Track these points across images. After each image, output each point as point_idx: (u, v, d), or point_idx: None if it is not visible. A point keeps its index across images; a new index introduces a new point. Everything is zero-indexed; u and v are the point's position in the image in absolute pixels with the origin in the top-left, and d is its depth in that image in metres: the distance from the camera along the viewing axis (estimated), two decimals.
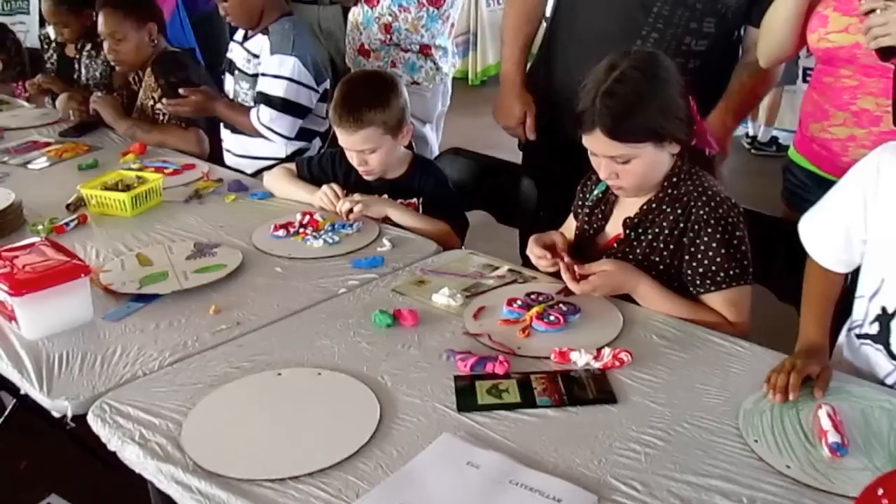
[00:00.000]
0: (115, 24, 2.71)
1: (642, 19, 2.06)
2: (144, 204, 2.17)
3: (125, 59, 2.78)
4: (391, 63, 2.93)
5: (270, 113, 2.48)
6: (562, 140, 2.28)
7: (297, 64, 2.46)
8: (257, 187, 2.33)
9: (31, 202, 2.18)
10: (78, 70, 3.15)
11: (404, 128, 2.09)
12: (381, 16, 2.88)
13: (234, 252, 1.88)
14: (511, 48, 2.33)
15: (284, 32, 2.48)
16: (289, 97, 2.46)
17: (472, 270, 1.80)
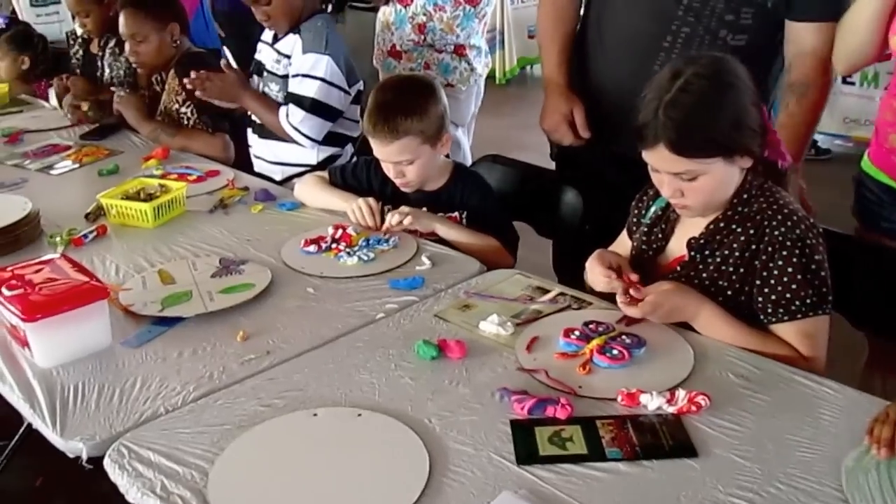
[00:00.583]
0: (136, 25, 2.59)
1: (673, 11, 1.91)
2: (167, 214, 2.04)
3: (146, 61, 2.65)
4: (424, 65, 2.80)
5: (300, 113, 2.33)
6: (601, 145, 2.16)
7: (330, 63, 2.31)
8: (285, 196, 2.19)
9: (49, 210, 2.05)
10: (101, 68, 3.03)
11: (443, 136, 1.94)
12: (415, 15, 2.74)
13: (262, 270, 1.74)
14: (549, 51, 2.18)
15: (317, 30, 2.34)
16: (320, 98, 2.32)
17: (520, 293, 1.66)
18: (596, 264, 1.54)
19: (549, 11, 2.18)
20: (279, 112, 2.38)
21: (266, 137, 2.49)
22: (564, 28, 2.18)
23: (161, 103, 2.70)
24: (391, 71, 2.83)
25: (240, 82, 2.44)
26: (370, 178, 2.07)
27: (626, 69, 1.98)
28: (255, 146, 2.54)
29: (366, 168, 2.08)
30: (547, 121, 2.16)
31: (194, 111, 2.58)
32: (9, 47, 3.42)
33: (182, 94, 2.59)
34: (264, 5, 2.34)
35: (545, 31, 2.19)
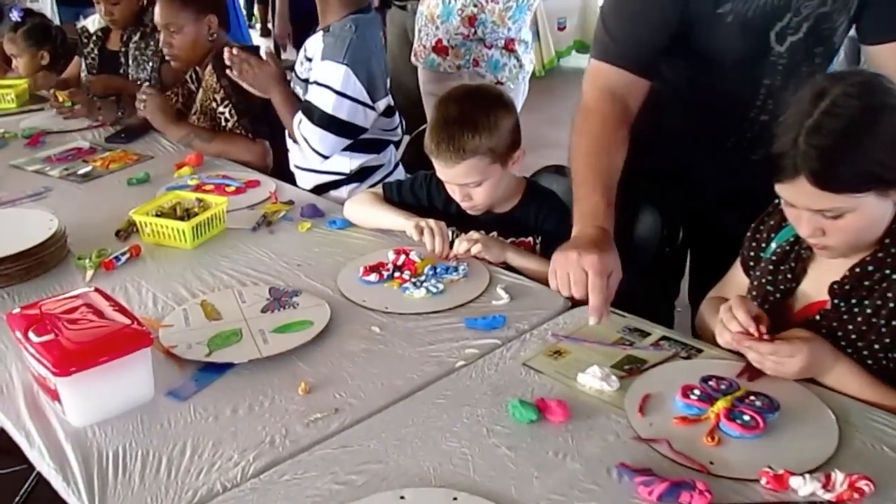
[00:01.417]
0: (172, 15, 2.38)
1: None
2: (206, 233, 1.84)
3: (180, 54, 2.45)
4: (473, 62, 2.58)
5: (308, 124, 2.13)
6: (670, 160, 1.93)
7: (347, 75, 2.07)
8: (333, 212, 1.99)
9: (75, 225, 1.85)
10: (124, 65, 2.82)
11: (516, 153, 1.74)
12: (465, 7, 2.52)
13: (318, 303, 1.54)
14: (592, 184, 1.49)
15: (342, 35, 2.10)
16: (331, 111, 2.09)
17: (616, 336, 1.45)
18: (740, 309, 1.30)
19: (597, 132, 1.55)
20: (296, 123, 2.18)
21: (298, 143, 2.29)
22: (614, 158, 1.55)
23: (196, 102, 2.50)
24: (434, 68, 2.61)
25: (276, 76, 2.23)
26: (431, 195, 1.86)
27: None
28: (291, 151, 2.32)
29: (426, 184, 1.87)
30: (571, 273, 1.37)
31: (233, 112, 2.38)
32: (27, 42, 3.21)
33: (220, 92, 2.38)
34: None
35: (588, 156, 1.53)
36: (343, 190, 2.20)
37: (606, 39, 1.58)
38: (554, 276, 1.37)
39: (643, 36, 1.57)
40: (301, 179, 2.27)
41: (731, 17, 1.53)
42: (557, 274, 1.37)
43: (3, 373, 1.37)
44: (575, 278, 1.34)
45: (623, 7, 1.60)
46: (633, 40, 1.57)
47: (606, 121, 1.57)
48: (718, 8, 1.53)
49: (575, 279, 1.35)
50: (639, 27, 1.57)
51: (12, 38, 3.25)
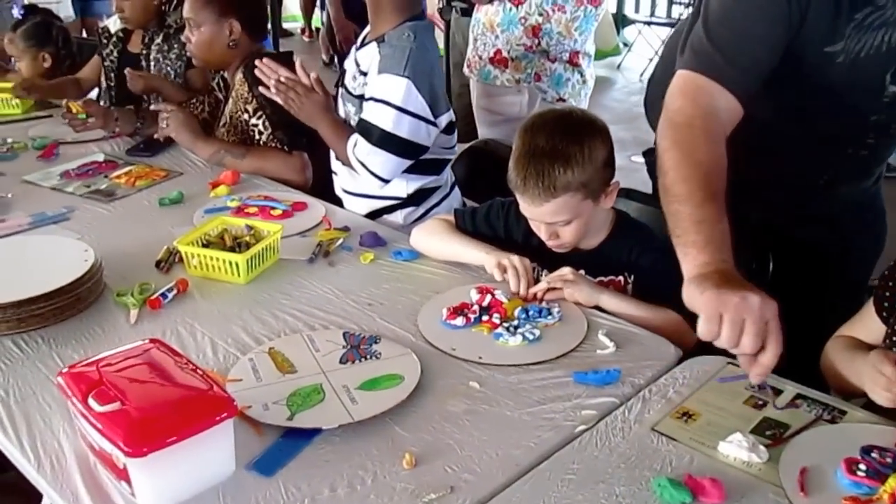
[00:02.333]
0: (194, 10, 2.20)
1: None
2: (260, 265, 1.65)
3: (195, 52, 2.26)
4: (535, 76, 2.40)
5: (366, 146, 1.92)
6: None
7: (409, 89, 1.87)
8: (395, 240, 1.81)
9: (107, 252, 1.65)
10: (146, 69, 2.61)
11: (609, 186, 1.57)
12: (528, 16, 2.33)
13: (403, 353, 1.35)
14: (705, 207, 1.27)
15: (400, 45, 1.89)
16: (392, 130, 1.88)
17: (746, 395, 1.29)
18: (886, 366, 1.15)
19: (711, 152, 1.33)
20: (348, 141, 1.98)
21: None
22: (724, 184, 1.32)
23: (225, 113, 2.30)
24: (489, 81, 2.42)
25: (324, 105, 2.01)
26: (510, 226, 1.69)
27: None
28: (339, 174, 2.12)
29: (503, 213, 1.70)
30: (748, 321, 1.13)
31: (267, 124, 2.18)
32: (27, 43, 2.98)
33: (252, 102, 2.19)
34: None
35: (708, 177, 1.29)
36: (398, 214, 2.02)
37: (713, 53, 1.38)
38: (712, 324, 1.11)
39: (758, 58, 1.39)
40: (350, 204, 2.07)
41: (842, 58, 1.37)
42: (725, 322, 1.10)
43: (49, 440, 1.17)
44: (753, 328, 1.10)
45: (734, 20, 1.43)
46: (749, 63, 1.39)
47: (716, 141, 1.38)
48: (827, 46, 1.37)
49: (752, 329, 1.10)
50: (751, 44, 1.40)
51: (11, 39, 3.02)
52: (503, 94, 2.42)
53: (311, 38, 8.18)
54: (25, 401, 1.25)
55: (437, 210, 2.02)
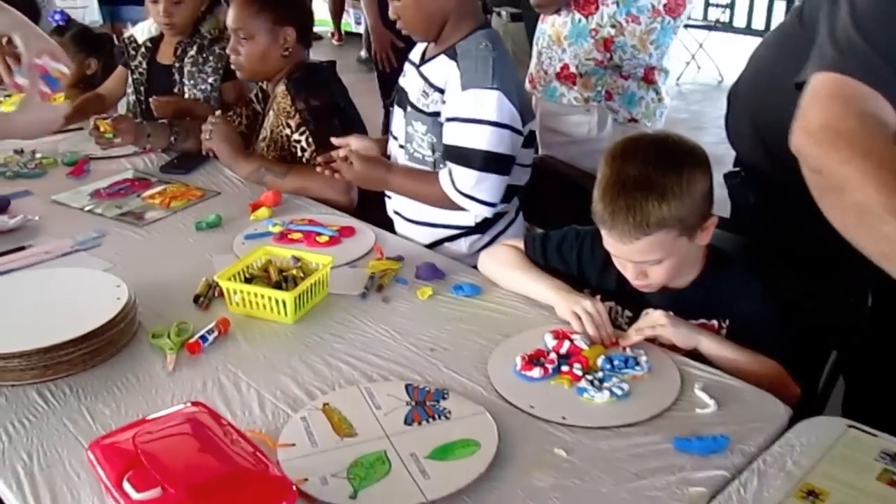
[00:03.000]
0: (245, 19, 2.04)
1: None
2: (309, 302, 1.49)
3: (245, 65, 2.09)
4: (606, 94, 2.21)
5: (471, 175, 1.72)
6: None
7: (501, 100, 1.70)
8: (454, 272, 1.64)
9: (141, 284, 1.49)
10: (178, 82, 2.47)
11: (707, 221, 1.38)
12: (600, 27, 2.14)
13: (476, 412, 1.18)
14: None
15: (480, 56, 1.72)
16: (492, 148, 1.71)
17: (878, 468, 1.11)
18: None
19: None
20: (439, 180, 1.77)
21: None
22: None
23: (265, 127, 2.15)
24: (555, 100, 2.22)
25: (387, 167, 1.85)
26: (583, 261, 1.51)
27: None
28: (395, 197, 1.94)
29: (577, 244, 1.53)
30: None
31: (311, 141, 2.03)
32: (75, 48, 2.83)
33: (296, 117, 2.04)
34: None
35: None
36: (462, 242, 1.85)
37: (875, 60, 1.17)
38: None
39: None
40: (408, 231, 1.89)
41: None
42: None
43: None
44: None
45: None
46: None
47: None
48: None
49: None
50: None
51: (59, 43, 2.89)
52: (570, 113, 2.23)
53: (340, 42, 8.08)
54: (51, 468, 1.10)
55: (503, 237, 1.84)
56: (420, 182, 1.81)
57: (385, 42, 3.62)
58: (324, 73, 2.15)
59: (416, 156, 1.83)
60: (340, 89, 2.16)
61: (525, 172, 1.86)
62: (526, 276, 1.51)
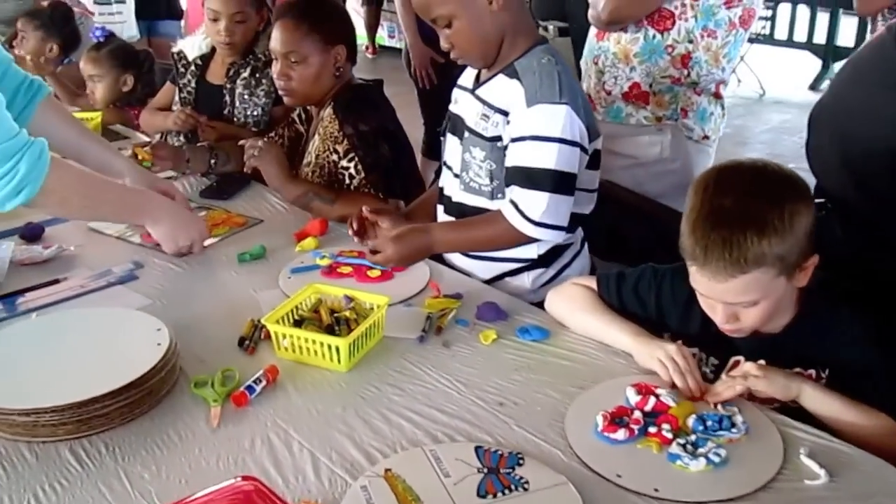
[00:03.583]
0: (296, 41, 1.92)
1: None
2: (363, 348, 1.38)
3: (298, 89, 1.98)
4: (682, 111, 2.08)
5: (541, 199, 1.56)
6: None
7: (569, 115, 1.57)
8: (519, 312, 1.50)
9: (182, 324, 1.39)
10: (228, 104, 2.35)
11: (808, 260, 1.24)
12: (676, 43, 2.01)
13: (557, 481, 1.05)
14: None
15: (544, 70, 1.59)
16: (561, 167, 1.57)
17: None
18: None
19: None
20: (500, 218, 1.60)
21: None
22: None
23: (310, 152, 2.04)
24: (621, 121, 2.08)
25: (423, 234, 1.65)
26: (662, 300, 1.38)
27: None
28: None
29: (655, 284, 1.39)
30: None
31: (360, 167, 1.91)
32: (111, 63, 2.78)
33: (343, 142, 1.92)
34: (443, 27, 1.61)
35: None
36: (525, 277, 1.71)
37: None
38: None
39: None
40: (464, 264, 1.74)
41: None
42: None
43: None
44: None
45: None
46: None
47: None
48: None
49: None
50: None
51: (95, 58, 2.81)
52: (639, 133, 2.09)
53: (374, 55, 8.03)
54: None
55: (568, 271, 1.71)
56: (473, 229, 1.67)
57: (424, 58, 3.50)
58: (372, 94, 2.04)
59: (472, 185, 1.69)
60: (389, 111, 2.04)
61: (590, 199, 1.72)
62: (600, 320, 1.38)
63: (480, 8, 1.58)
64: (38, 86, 1.72)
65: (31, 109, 1.69)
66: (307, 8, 1.99)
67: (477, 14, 1.58)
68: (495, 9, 1.58)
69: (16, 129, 1.42)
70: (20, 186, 1.40)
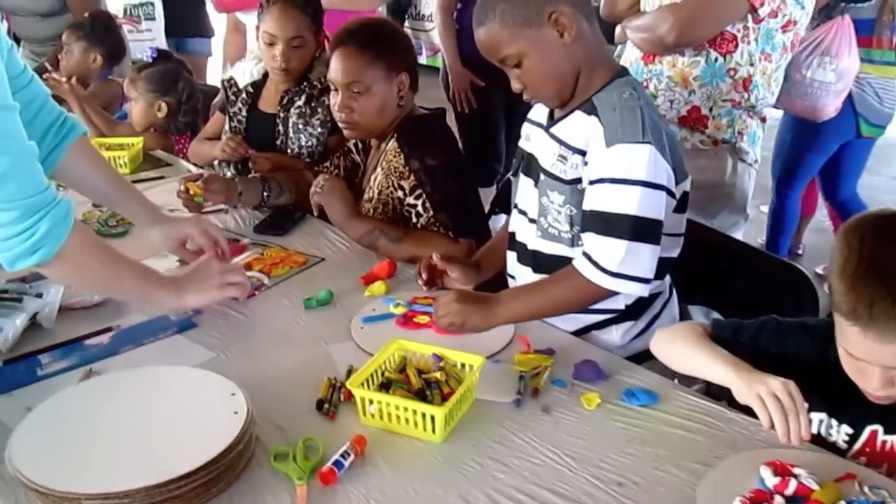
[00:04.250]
0: (358, 71, 1.80)
1: None
2: (458, 415, 1.25)
3: (361, 122, 1.86)
4: (738, 134, 1.98)
5: (618, 248, 1.41)
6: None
7: (653, 156, 1.43)
8: (618, 371, 1.37)
9: (251, 382, 1.25)
10: (282, 134, 2.23)
11: None
12: (739, 66, 1.91)
13: None
14: None
15: (626, 106, 1.45)
16: (644, 214, 1.43)
17: None
18: None
19: None
20: (577, 270, 1.45)
21: (543, 271, 1.59)
22: None
23: (370, 186, 1.92)
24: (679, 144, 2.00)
25: (490, 303, 1.49)
26: (786, 356, 1.23)
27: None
28: (519, 279, 1.66)
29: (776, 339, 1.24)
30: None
31: (428, 205, 1.79)
32: (148, 87, 2.67)
33: (410, 178, 1.80)
34: (513, 66, 1.47)
35: None
36: (613, 332, 1.57)
37: None
38: None
39: None
40: (554, 319, 1.57)
41: None
42: None
43: None
44: None
45: None
46: None
47: None
48: None
49: None
50: None
51: (133, 79, 2.71)
52: (695, 157, 1.98)
53: None
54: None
55: (658, 322, 1.58)
56: (544, 291, 1.51)
57: (464, 81, 3.38)
58: (437, 125, 1.91)
59: (550, 232, 1.56)
60: (455, 144, 1.93)
61: (677, 242, 1.58)
62: (702, 352, 1.23)
63: (552, 43, 1.45)
64: (70, 125, 1.55)
65: (60, 150, 1.53)
66: (369, 34, 1.87)
67: (548, 50, 1.45)
68: (568, 42, 1.45)
69: (45, 184, 1.27)
70: (37, 246, 1.24)
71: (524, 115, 1.68)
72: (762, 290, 1.70)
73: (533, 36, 1.44)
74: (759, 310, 1.38)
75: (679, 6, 1.89)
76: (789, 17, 1.93)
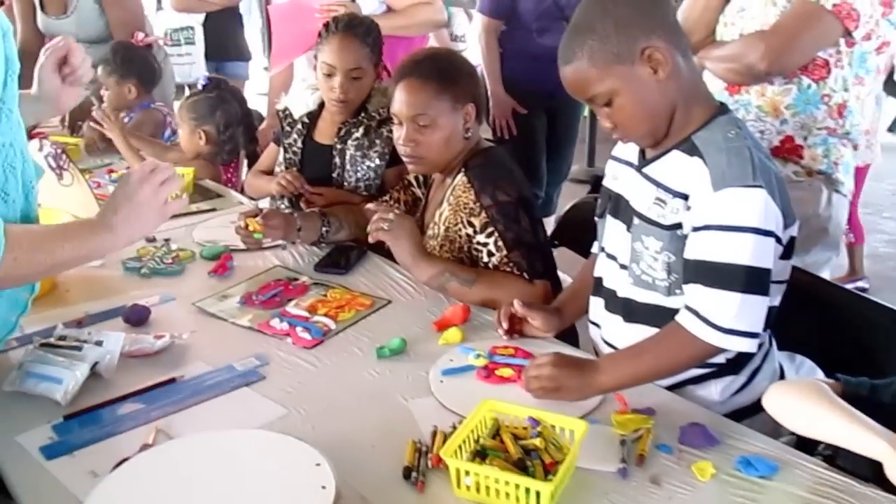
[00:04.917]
0: (424, 103, 1.72)
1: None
2: (562, 485, 1.14)
3: (427, 156, 1.77)
4: (834, 164, 1.88)
5: (732, 301, 1.29)
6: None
7: (766, 201, 1.32)
8: (730, 434, 1.25)
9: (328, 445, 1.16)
10: (338, 166, 2.14)
11: None
12: (833, 93, 1.81)
13: None
14: None
15: (732, 147, 1.35)
16: (757, 263, 1.31)
17: None
18: None
19: None
20: (682, 327, 1.33)
21: (634, 320, 1.47)
22: None
23: (435, 222, 1.82)
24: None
25: (589, 371, 1.36)
26: None
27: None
28: (605, 328, 1.55)
29: None
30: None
31: (500, 244, 1.69)
32: (188, 115, 2.62)
33: (481, 215, 1.70)
34: (602, 105, 1.37)
35: None
36: (712, 387, 1.45)
37: None
38: None
39: None
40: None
41: None
42: None
43: None
44: None
45: None
46: None
47: None
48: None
49: None
50: None
51: (181, 105, 2.70)
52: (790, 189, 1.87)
53: None
54: None
55: (759, 377, 1.46)
56: (648, 353, 1.37)
57: (506, 108, 3.27)
58: (504, 158, 1.82)
59: (644, 279, 1.44)
60: (523, 178, 1.82)
61: (779, 290, 1.46)
62: (842, 417, 1.10)
63: (645, 80, 1.34)
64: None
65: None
66: (434, 65, 1.79)
67: (641, 87, 1.35)
68: (662, 78, 1.34)
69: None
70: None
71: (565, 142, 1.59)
72: (865, 340, 1.58)
73: (625, 73, 1.34)
74: (861, 362, 1.27)
75: (769, 33, 1.78)
76: (883, 39, 1.82)
